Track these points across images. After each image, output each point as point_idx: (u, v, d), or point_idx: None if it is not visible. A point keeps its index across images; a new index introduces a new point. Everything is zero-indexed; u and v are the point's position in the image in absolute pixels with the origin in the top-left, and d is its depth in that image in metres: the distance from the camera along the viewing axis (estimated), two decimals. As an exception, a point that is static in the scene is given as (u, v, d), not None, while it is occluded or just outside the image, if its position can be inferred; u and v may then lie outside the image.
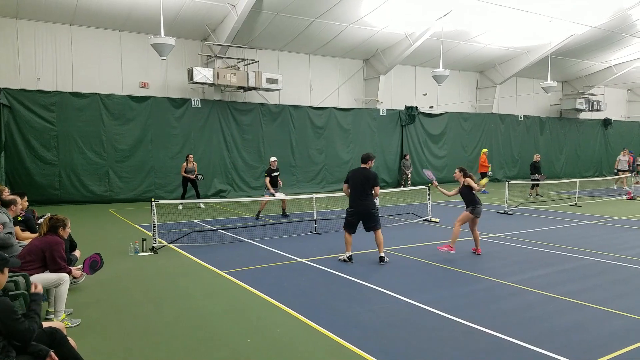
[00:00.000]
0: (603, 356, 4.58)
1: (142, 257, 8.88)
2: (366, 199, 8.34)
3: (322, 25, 18.38)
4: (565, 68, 26.97)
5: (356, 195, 8.37)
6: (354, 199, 8.42)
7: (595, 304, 6.08)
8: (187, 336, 5.16)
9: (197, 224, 12.54)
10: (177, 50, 16.46)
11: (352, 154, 21.81)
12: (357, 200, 8.36)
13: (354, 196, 8.41)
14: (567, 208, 15.57)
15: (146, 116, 17.27)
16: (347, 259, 8.36)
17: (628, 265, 8.15)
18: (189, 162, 15.57)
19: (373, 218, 8.44)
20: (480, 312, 5.87)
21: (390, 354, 4.70)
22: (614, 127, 31.57)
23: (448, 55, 21.99)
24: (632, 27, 21.98)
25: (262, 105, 19.71)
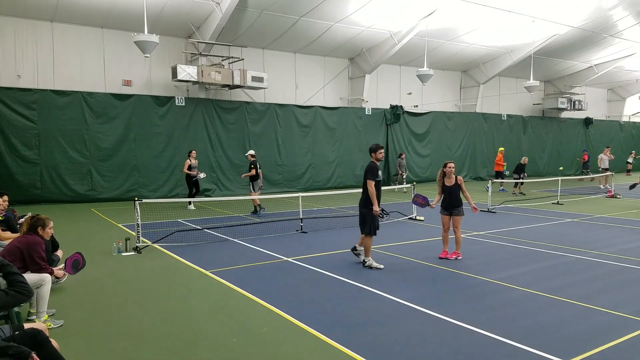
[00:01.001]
0: (586, 352, 4.66)
1: (126, 257, 8.77)
2: (363, 194, 7.98)
3: (308, 23, 18.36)
4: (548, 68, 27.36)
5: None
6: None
7: (577, 301, 6.18)
8: (172, 337, 5.12)
9: (181, 223, 12.44)
10: (161, 47, 16.31)
11: (337, 153, 21.85)
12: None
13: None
14: (549, 206, 15.80)
15: (129, 114, 17.06)
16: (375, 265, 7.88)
17: (609, 262, 8.30)
18: (192, 158, 15.40)
19: (361, 219, 8.01)
20: (464, 309, 5.92)
21: (376, 351, 4.71)
22: (595, 126, 32.13)
23: (432, 55, 22.14)
24: (612, 27, 22.40)
25: (248, 103, 19.63)
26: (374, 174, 7.76)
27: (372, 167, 7.78)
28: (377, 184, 7.83)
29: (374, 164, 7.85)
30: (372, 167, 7.78)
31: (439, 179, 8.64)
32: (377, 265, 7.77)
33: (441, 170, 8.64)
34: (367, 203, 7.85)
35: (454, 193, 8.45)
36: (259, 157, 19.64)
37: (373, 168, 7.78)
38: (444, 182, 8.55)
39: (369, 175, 7.77)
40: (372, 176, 7.77)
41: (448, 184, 8.51)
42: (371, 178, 7.76)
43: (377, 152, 7.86)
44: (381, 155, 7.91)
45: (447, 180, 8.53)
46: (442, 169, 8.64)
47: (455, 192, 8.46)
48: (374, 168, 7.78)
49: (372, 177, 7.76)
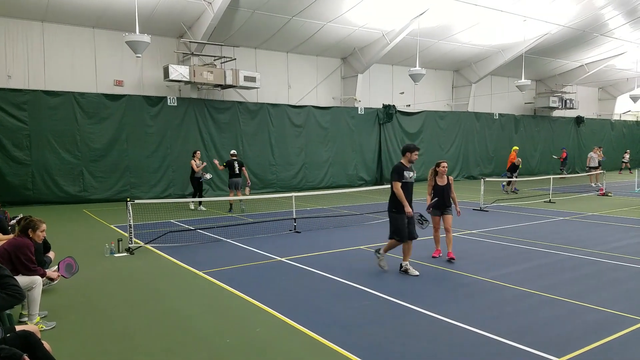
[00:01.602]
0: (578, 350, 4.69)
1: (118, 258, 8.73)
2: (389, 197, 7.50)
3: (300, 23, 18.35)
4: (539, 67, 27.53)
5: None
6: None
7: (569, 299, 6.22)
8: (165, 338, 5.09)
9: (174, 223, 12.39)
10: (153, 47, 16.22)
11: (330, 153, 21.85)
12: None
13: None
14: (541, 204, 15.90)
15: (121, 114, 16.97)
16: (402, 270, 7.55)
17: (601, 260, 8.36)
18: (196, 158, 15.20)
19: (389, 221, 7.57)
20: (457, 307, 5.95)
21: (370, 350, 4.72)
22: (586, 124, 32.37)
23: (424, 54, 22.20)
24: (603, 26, 22.58)
25: (240, 103, 19.58)
26: (399, 174, 7.28)
27: (397, 168, 7.32)
28: (405, 186, 7.30)
29: (400, 164, 7.38)
30: (397, 168, 7.32)
31: (430, 178, 8.51)
32: (412, 273, 7.40)
33: (433, 170, 8.52)
34: (391, 206, 7.44)
35: (446, 193, 8.37)
36: (253, 157, 19.71)
37: (398, 168, 7.32)
38: (436, 182, 8.45)
39: (393, 176, 7.32)
40: (396, 176, 7.28)
41: (441, 184, 8.42)
42: (396, 179, 7.27)
43: (413, 153, 7.35)
44: (416, 157, 7.39)
45: (440, 179, 8.45)
46: (434, 168, 8.52)
47: (448, 192, 8.39)
48: (399, 168, 7.31)
49: (397, 177, 7.26)
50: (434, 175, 8.50)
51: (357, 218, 13.01)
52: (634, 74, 29.52)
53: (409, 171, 7.34)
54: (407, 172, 7.32)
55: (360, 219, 12.93)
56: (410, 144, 7.51)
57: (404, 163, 7.38)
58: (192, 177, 15.21)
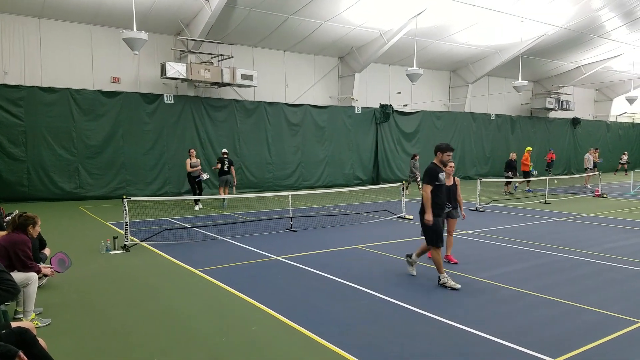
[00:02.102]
0: (573, 350, 4.70)
1: (114, 255, 8.70)
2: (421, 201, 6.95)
3: (297, 21, 18.33)
4: (536, 68, 27.60)
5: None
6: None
7: (565, 299, 6.24)
8: (160, 336, 5.08)
9: (170, 221, 12.36)
10: (150, 44, 16.17)
11: (327, 152, 21.85)
12: None
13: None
14: (537, 205, 15.94)
15: (117, 112, 16.91)
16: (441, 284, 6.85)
17: (596, 261, 8.39)
18: (192, 156, 14.91)
19: (422, 228, 7.06)
20: (454, 307, 5.95)
21: (367, 350, 4.72)
22: (582, 126, 32.50)
23: (422, 54, 22.22)
24: (600, 28, 22.66)
25: (237, 101, 19.55)
26: (431, 177, 6.75)
27: (429, 170, 6.78)
28: (439, 189, 6.83)
29: (434, 165, 6.84)
30: (429, 170, 6.78)
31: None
32: (452, 284, 6.67)
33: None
34: (421, 210, 6.91)
35: (452, 194, 8.06)
36: (249, 155, 19.70)
37: (431, 170, 6.77)
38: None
39: (425, 178, 6.82)
40: (428, 179, 6.77)
41: (448, 184, 7.91)
42: (427, 181, 6.77)
43: (444, 153, 6.83)
44: (448, 157, 6.87)
45: (447, 180, 7.93)
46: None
47: (454, 192, 8.13)
48: (432, 170, 6.77)
49: (429, 179, 6.75)
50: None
51: (353, 217, 13.02)
52: (630, 76, 29.66)
53: (442, 172, 6.84)
54: (440, 174, 6.81)
55: (356, 218, 12.93)
56: (443, 143, 6.97)
57: (437, 164, 6.87)
58: (189, 175, 14.88)
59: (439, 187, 6.85)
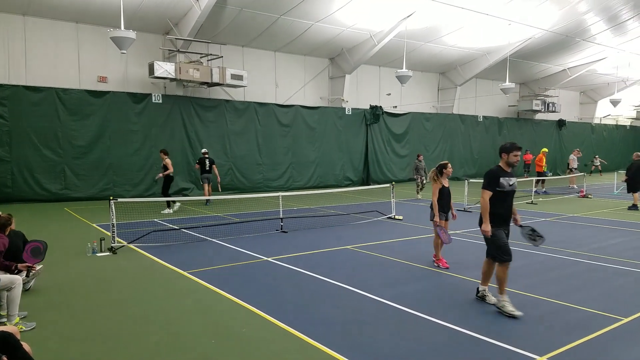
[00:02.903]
0: (559, 348, 4.76)
1: (101, 257, 8.60)
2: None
3: (288, 22, 18.31)
4: (523, 70, 27.89)
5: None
6: None
7: (551, 298, 6.31)
8: (148, 339, 5.03)
9: (158, 223, 12.26)
10: (138, 43, 16.03)
11: (318, 153, 21.85)
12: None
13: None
14: (523, 206, 16.09)
15: (105, 111, 16.73)
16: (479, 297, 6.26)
17: (582, 260, 8.49)
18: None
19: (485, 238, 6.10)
20: (441, 306, 5.99)
21: (356, 350, 4.72)
22: (568, 127, 32.90)
23: (411, 56, 22.33)
24: (585, 32, 22.96)
25: (227, 101, 19.46)
26: (490, 181, 5.88)
27: (490, 173, 5.95)
28: (502, 196, 5.89)
29: (497, 169, 5.98)
30: (490, 173, 5.95)
31: (438, 180, 8.05)
32: (510, 311, 5.65)
33: (436, 171, 8.11)
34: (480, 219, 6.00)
35: (450, 195, 8.12)
36: (239, 156, 19.63)
37: (491, 174, 5.92)
38: (443, 184, 8.05)
39: (483, 182, 5.95)
40: (486, 183, 5.90)
41: (446, 185, 8.08)
42: (484, 186, 5.91)
43: (511, 153, 5.93)
44: (516, 159, 5.94)
45: (445, 182, 8.12)
46: (437, 169, 8.13)
47: (450, 194, 8.16)
48: (493, 174, 5.91)
49: (487, 184, 5.89)
50: (438, 176, 8.09)
51: (343, 218, 13.03)
52: (615, 79, 30.10)
53: (508, 177, 5.91)
54: (504, 178, 5.87)
55: (346, 219, 12.94)
56: (508, 143, 6.06)
57: (502, 167, 6.01)
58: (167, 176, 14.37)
59: (501, 195, 5.88)
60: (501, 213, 5.92)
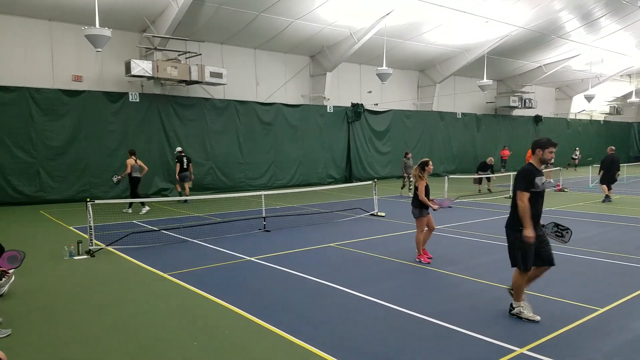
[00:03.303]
0: (539, 339, 4.83)
1: (78, 260, 8.40)
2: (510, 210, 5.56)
3: (267, 19, 18.16)
4: (500, 67, 28.25)
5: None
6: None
7: (530, 290, 6.35)
8: (128, 343, 4.91)
9: (137, 224, 12.04)
10: (113, 41, 15.68)
11: (300, 151, 21.77)
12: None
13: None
14: (502, 200, 16.31)
15: (80, 111, 16.36)
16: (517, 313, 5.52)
17: (558, 252, 8.58)
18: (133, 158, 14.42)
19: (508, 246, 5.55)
20: (425, 301, 6.02)
21: (341, 347, 4.69)
22: (544, 123, 33.50)
23: (391, 54, 22.40)
24: (560, 29, 23.36)
25: (206, 99, 19.23)
26: (526, 181, 5.31)
27: (524, 172, 5.40)
28: (535, 197, 5.33)
29: (530, 167, 5.43)
30: (524, 172, 5.40)
31: (423, 176, 8.12)
32: (529, 316, 5.36)
33: (419, 169, 8.16)
34: (513, 223, 5.45)
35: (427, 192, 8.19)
36: (220, 155, 19.43)
37: (526, 172, 5.37)
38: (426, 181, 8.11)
39: (518, 184, 5.35)
40: (523, 184, 5.31)
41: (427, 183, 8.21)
42: (522, 187, 5.30)
43: (546, 149, 5.39)
44: (551, 155, 5.40)
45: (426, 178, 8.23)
46: (420, 166, 8.18)
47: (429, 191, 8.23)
48: (528, 172, 5.36)
49: (524, 185, 5.30)
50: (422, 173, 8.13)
51: (326, 216, 13.00)
52: (588, 75, 30.70)
53: (540, 176, 5.38)
54: (538, 178, 5.36)
55: (330, 216, 12.92)
56: (543, 138, 5.51)
57: (535, 164, 5.46)
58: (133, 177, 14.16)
59: (534, 195, 5.33)
60: (533, 214, 5.31)
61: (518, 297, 5.48)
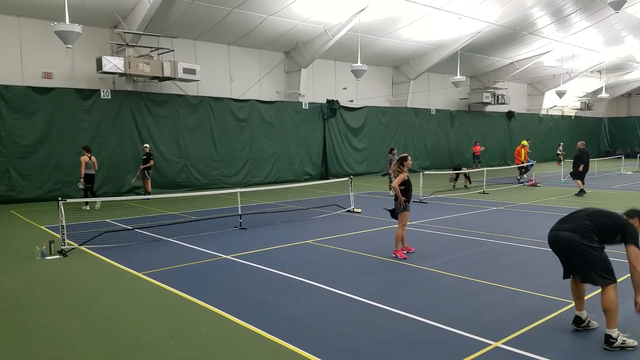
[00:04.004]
0: (514, 333, 4.95)
1: (50, 261, 8.24)
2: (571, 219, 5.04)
3: (241, 15, 18.03)
4: (473, 64, 28.66)
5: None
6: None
7: (504, 285, 6.55)
8: (103, 344, 4.86)
9: (110, 223, 11.86)
10: (84, 38, 15.33)
11: (275, 148, 21.71)
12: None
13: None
14: (476, 195, 16.61)
15: (50, 109, 15.98)
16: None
17: (532, 247, 8.86)
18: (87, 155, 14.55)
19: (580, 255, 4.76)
20: (401, 297, 6.11)
21: (318, 344, 4.74)
22: (517, 119, 34.16)
23: (366, 51, 22.50)
24: (531, 26, 23.83)
25: (179, 96, 19.00)
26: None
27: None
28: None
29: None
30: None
31: (402, 170, 8.20)
32: (632, 343, 4.56)
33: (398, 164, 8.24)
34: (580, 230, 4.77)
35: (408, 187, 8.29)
36: (194, 152, 19.25)
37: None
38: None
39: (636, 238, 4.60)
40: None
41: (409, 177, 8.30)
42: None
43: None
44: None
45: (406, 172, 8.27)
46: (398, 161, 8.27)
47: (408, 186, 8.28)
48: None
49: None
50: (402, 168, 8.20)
51: (303, 213, 13.04)
52: (560, 71, 31.42)
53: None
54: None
55: (306, 213, 12.96)
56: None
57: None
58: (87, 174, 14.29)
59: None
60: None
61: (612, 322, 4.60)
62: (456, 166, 19.78)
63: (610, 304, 4.55)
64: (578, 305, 5.05)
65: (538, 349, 4.57)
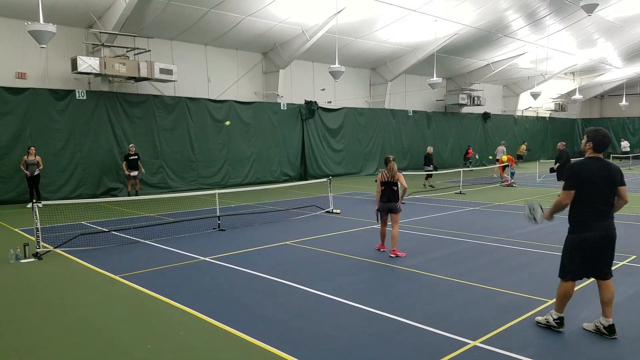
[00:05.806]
0: (491, 331, 5.04)
1: (25, 264, 8.07)
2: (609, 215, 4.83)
3: (218, 15, 17.93)
4: (449, 65, 29.05)
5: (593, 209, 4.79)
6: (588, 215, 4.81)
7: (480, 284, 6.67)
8: (79, 348, 4.79)
9: (86, 225, 11.67)
10: (59, 37, 15.05)
11: (254, 149, 21.64)
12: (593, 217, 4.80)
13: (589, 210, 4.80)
14: (452, 196, 16.86)
15: (24, 110, 15.62)
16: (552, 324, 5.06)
17: (507, 246, 9.05)
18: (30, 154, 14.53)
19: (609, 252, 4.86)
20: (379, 297, 6.18)
21: (297, 345, 4.76)
22: (492, 120, 34.76)
23: (343, 52, 22.59)
24: (506, 28, 24.27)
25: (156, 96, 18.78)
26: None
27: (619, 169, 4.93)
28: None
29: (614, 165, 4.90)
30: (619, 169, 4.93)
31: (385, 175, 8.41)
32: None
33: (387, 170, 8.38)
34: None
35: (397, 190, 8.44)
36: (171, 153, 19.06)
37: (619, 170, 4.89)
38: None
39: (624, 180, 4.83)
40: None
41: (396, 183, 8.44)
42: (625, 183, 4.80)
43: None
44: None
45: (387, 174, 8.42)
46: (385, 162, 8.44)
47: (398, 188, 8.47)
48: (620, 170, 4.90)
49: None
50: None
51: (282, 214, 13.03)
52: (534, 73, 32.07)
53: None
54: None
55: (285, 214, 12.96)
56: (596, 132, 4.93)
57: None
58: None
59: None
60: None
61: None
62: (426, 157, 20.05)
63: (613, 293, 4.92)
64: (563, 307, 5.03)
65: (516, 347, 4.64)
